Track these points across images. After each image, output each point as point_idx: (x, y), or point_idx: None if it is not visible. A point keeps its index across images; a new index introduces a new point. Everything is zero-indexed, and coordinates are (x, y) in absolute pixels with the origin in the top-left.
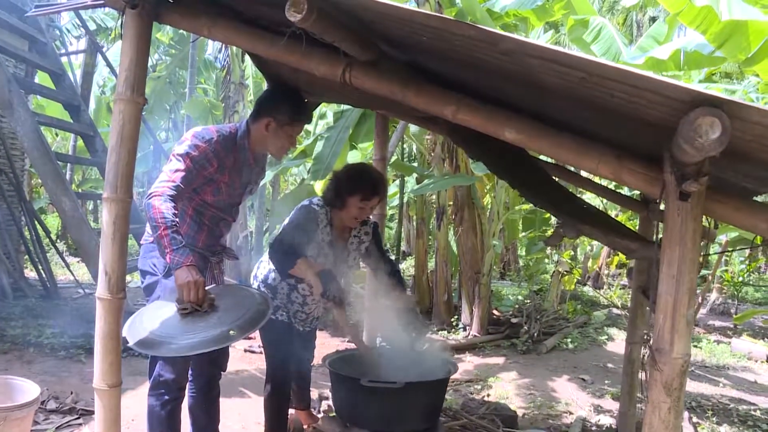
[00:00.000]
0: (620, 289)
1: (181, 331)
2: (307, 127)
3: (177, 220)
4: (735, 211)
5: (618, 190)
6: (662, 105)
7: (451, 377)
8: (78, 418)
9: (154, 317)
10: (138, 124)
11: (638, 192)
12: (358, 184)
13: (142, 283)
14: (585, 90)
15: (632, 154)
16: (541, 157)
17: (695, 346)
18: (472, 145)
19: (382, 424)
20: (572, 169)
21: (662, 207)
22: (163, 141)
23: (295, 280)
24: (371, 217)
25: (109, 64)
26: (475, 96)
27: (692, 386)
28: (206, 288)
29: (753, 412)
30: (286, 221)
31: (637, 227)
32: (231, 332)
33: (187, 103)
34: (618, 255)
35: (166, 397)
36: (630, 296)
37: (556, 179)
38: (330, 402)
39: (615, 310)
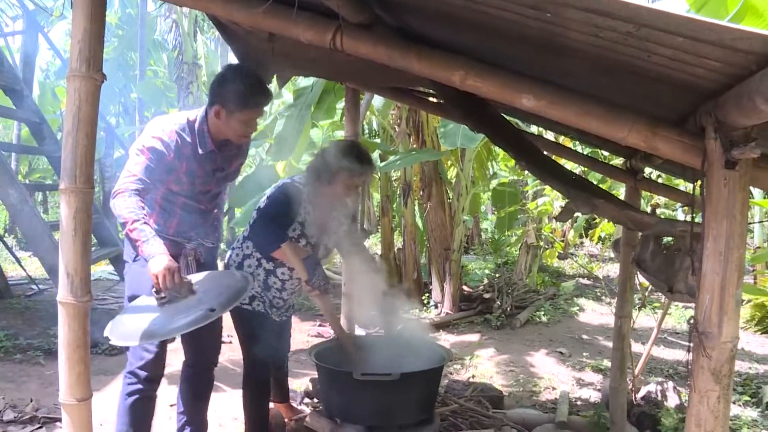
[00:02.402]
0: (584, 259)
1: (164, 318)
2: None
3: (143, 212)
4: None
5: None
6: (719, 61)
7: None
8: (40, 427)
9: (136, 314)
10: (96, 104)
11: (623, 161)
12: (349, 161)
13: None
14: (619, 49)
15: (666, 121)
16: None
17: (668, 314)
18: (469, 116)
19: (377, 418)
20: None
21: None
22: (115, 126)
23: (273, 264)
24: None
25: (52, 46)
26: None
27: (667, 354)
28: (185, 275)
29: None
30: (265, 200)
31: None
32: (210, 310)
33: (138, 86)
34: (599, 227)
35: (134, 387)
36: (599, 267)
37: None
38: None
39: (582, 281)
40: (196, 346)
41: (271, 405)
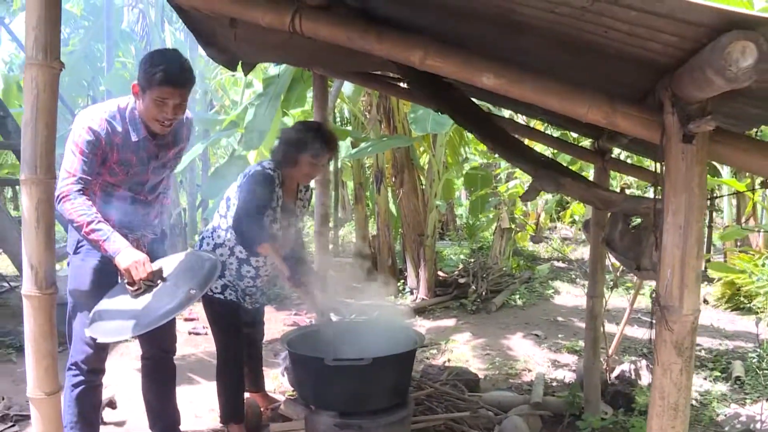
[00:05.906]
0: (558, 242)
1: (143, 309)
2: (234, 96)
3: (94, 210)
4: (742, 152)
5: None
6: (674, 34)
7: None
8: (13, 425)
9: (113, 310)
10: (55, 93)
11: (590, 141)
12: (310, 141)
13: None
14: (577, 25)
15: (624, 98)
16: None
17: (640, 294)
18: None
19: (350, 404)
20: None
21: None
22: None
23: (247, 254)
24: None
25: (14, 38)
26: None
27: (640, 333)
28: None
29: (698, 353)
30: (238, 192)
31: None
32: (191, 291)
33: (106, 78)
34: (570, 209)
35: (78, 379)
36: (572, 249)
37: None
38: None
39: (556, 263)
40: (150, 336)
41: (247, 395)
